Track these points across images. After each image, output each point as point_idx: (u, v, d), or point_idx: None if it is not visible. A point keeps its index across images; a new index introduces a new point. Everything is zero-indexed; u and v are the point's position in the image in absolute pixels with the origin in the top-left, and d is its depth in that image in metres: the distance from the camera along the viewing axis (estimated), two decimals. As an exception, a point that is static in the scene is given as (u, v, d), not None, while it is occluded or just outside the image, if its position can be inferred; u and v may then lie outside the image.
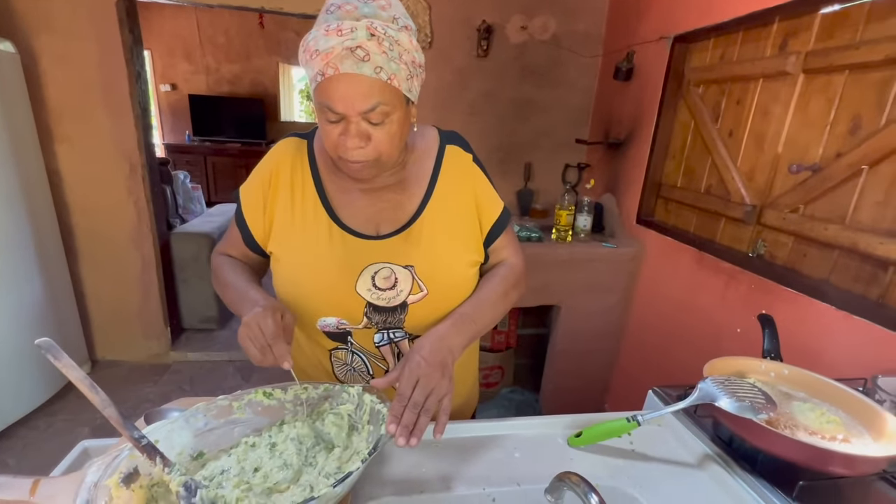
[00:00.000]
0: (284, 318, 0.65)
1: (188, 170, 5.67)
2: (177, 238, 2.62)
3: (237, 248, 0.83)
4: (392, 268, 0.75)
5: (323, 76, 0.62)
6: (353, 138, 0.65)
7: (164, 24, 5.57)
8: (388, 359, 0.81)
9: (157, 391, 2.32)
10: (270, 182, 0.77)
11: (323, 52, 0.60)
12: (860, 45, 1.15)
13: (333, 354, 0.83)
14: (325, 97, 0.63)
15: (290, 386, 0.68)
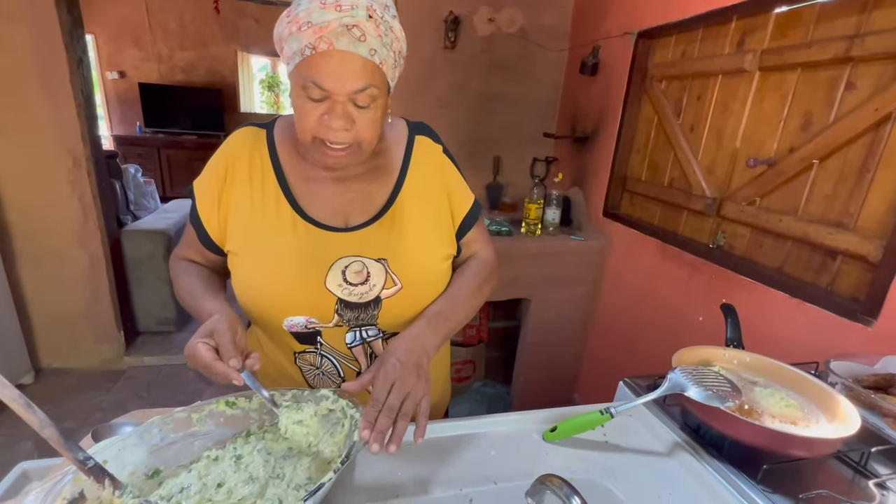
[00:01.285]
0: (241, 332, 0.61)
1: (140, 163, 5.35)
2: (128, 236, 2.47)
3: (194, 249, 0.78)
4: (364, 261, 0.71)
5: (314, 50, 0.58)
6: (339, 119, 0.62)
7: (109, 7, 5.21)
8: (361, 360, 0.78)
9: (110, 399, 2.18)
10: (226, 175, 0.73)
11: (317, 25, 0.57)
12: (811, 45, 1.20)
13: (300, 358, 0.78)
14: (312, 72, 0.59)
15: (255, 393, 0.64)
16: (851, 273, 1.12)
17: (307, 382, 0.80)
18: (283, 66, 0.67)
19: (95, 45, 5.35)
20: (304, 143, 0.67)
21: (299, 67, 0.61)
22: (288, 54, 0.62)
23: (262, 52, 5.95)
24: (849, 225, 1.12)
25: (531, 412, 0.84)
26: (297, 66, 0.61)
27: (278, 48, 0.65)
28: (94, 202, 2.16)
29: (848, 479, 0.73)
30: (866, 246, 1.07)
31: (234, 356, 0.56)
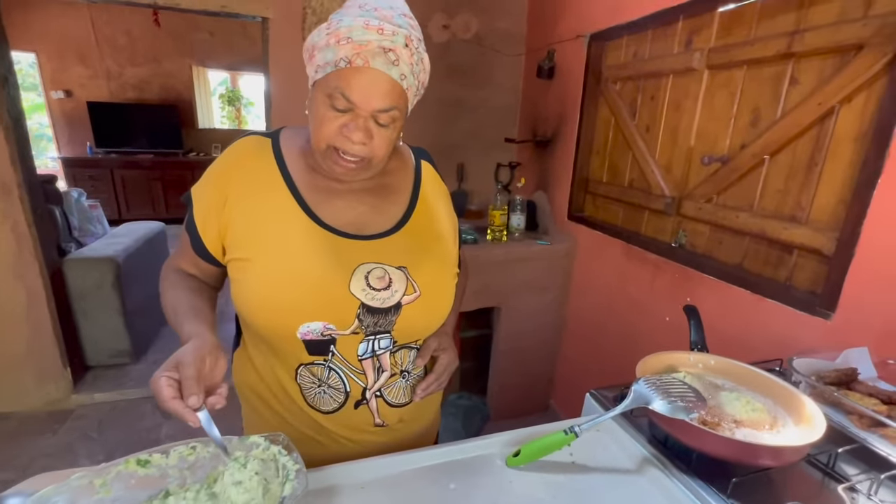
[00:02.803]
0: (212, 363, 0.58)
1: (92, 186, 5.10)
2: (72, 265, 2.30)
3: (188, 258, 0.76)
4: (385, 268, 0.72)
5: (349, 64, 0.62)
6: (359, 132, 0.65)
7: (51, 23, 4.95)
8: (369, 374, 0.75)
9: (56, 443, 2.01)
10: (230, 182, 0.71)
11: (356, 42, 0.61)
12: (754, 42, 1.21)
13: (305, 371, 0.73)
14: (343, 83, 0.62)
15: (172, 448, 0.56)
16: (807, 266, 1.13)
17: (305, 399, 0.75)
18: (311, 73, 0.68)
19: (38, 64, 5.08)
20: (317, 150, 0.68)
21: (330, 77, 0.63)
22: (319, 63, 0.64)
23: (220, 66, 5.78)
24: (802, 218, 1.13)
25: (493, 436, 0.79)
26: (327, 76, 0.64)
27: (307, 55, 0.67)
28: (30, 231, 2.00)
29: (818, 483, 0.71)
30: (820, 239, 1.07)
31: (194, 393, 0.53)
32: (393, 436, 0.81)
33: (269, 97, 2.17)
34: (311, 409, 0.76)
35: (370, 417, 0.78)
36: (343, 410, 0.76)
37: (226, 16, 2.03)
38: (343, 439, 0.78)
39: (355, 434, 0.78)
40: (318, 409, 0.75)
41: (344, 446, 0.78)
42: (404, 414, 0.81)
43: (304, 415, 0.76)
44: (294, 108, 2.18)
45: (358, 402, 0.76)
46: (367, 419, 0.77)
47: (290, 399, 0.76)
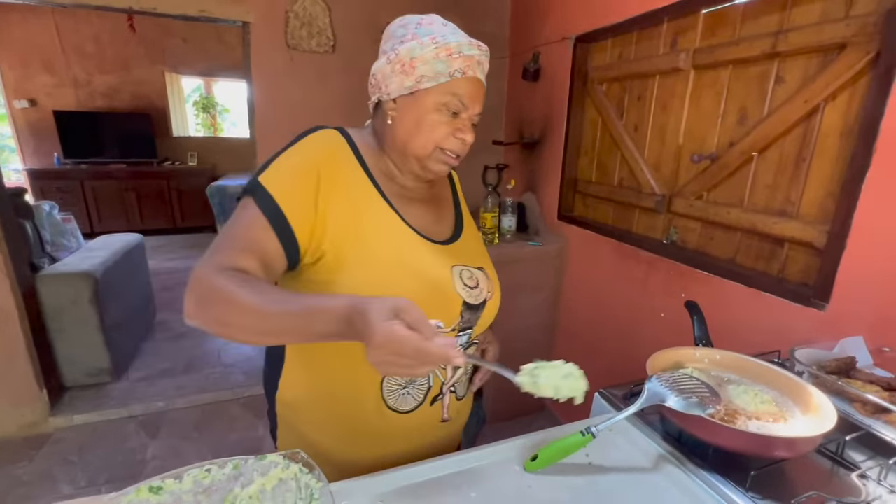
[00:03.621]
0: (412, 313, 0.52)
1: (61, 198, 4.89)
2: (45, 281, 2.19)
3: (259, 256, 0.63)
4: (470, 269, 0.78)
5: (462, 74, 0.69)
6: (469, 133, 0.73)
7: (13, 30, 4.75)
8: (448, 368, 0.79)
9: (33, 469, 1.91)
10: (320, 175, 0.67)
11: (466, 56, 0.69)
12: (739, 42, 1.25)
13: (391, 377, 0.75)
14: (461, 91, 0.70)
15: (185, 472, 0.53)
16: (799, 259, 1.16)
17: (385, 402, 0.75)
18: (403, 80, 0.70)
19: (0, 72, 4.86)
20: (422, 153, 0.72)
21: (444, 86, 0.69)
22: (427, 73, 0.68)
23: (194, 73, 5.64)
24: (792, 213, 1.16)
25: (508, 441, 0.79)
26: (441, 85, 0.69)
27: (407, 65, 0.69)
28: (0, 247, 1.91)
29: (828, 471, 0.73)
30: (810, 232, 1.10)
31: (435, 333, 0.50)
32: (448, 430, 0.85)
33: (251, 104, 2.12)
34: (391, 411, 0.76)
35: (440, 413, 0.81)
36: (420, 409, 0.78)
37: (205, 20, 1.98)
38: (412, 438, 0.80)
39: (424, 432, 0.81)
40: (397, 410, 0.76)
41: (413, 443, 0.80)
42: (461, 407, 0.86)
43: (383, 418, 0.76)
44: (278, 114, 2.15)
45: (435, 398, 0.79)
46: (436, 415, 0.81)
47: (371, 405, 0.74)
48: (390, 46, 0.72)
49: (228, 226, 0.65)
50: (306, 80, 2.15)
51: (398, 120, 0.72)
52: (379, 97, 0.74)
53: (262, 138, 2.14)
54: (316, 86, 2.18)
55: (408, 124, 0.71)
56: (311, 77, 2.16)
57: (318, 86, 2.18)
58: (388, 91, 0.71)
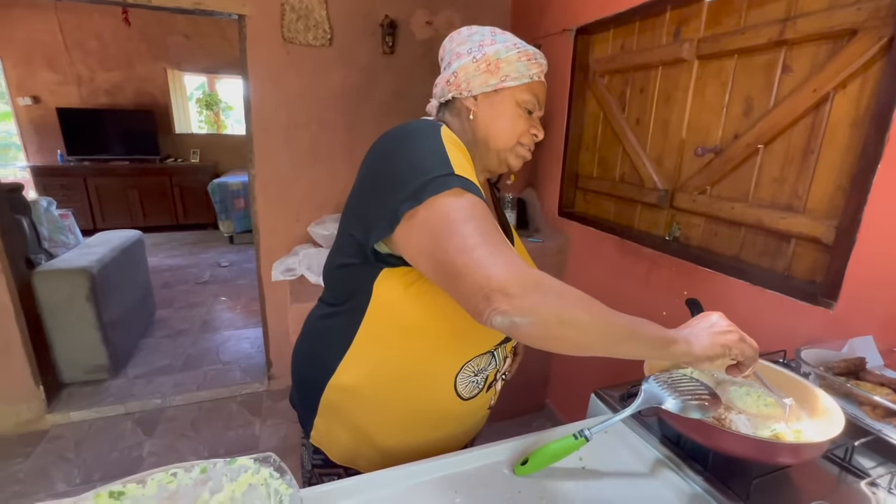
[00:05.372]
0: None
1: (64, 195, 4.90)
2: (42, 277, 2.18)
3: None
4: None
5: (539, 78, 0.77)
6: (541, 129, 0.80)
7: (15, 28, 4.75)
8: (503, 360, 0.85)
9: (29, 467, 1.90)
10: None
11: (539, 62, 0.77)
12: (745, 30, 1.20)
13: (471, 364, 0.78)
14: (538, 92, 0.78)
15: (149, 476, 0.50)
16: (806, 256, 1.11)
17: (456, 390, 0.79)
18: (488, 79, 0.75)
19: (3, 70, 4.87)
20: (505, 147, 0.78)
21: (525, 87, 0.76)
22: (511, 74, 0.75)
23: (196, 70, 5.63)
24: (799, 207, 1.12)
25: (499, 444, 0.75)
26: (522, 86, 0.76)
27: (493, 64, 0.75)
28: (-5, 243, 1.89)
29: (835, 478, 0.69)
30: (818, 227, 1.06)
31: None
32: (484, 417, 0.90)
33: (248, 99, 2.09)
34: (459, 398, 0.79)
35: (489, 401, 0.87)
36: (479, 395, 0.82)
37: (200, 13, 1.95)
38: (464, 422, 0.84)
39: (473, 418, 0.86)
40: (464, 397, 0.80)
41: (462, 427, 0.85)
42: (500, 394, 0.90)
43: (450, 404, 0.79)
44: (274, 109, 2.12)
45: (490, 385, 0.83)
46: (486, 402, 0.86)
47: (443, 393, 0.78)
48: (467, 50, 0.77)
49: (474, 223, 0.57)
50: (303, 74, 2.12)
51: (480, 115, 0.77)
52: (454, 94, 0.77)
53: (257, 134, 2.11)
54: (313, 80, 2.15)
55: (493, 119, 0.77)
56: (307, 71, 2.13)
57: (316, 80, 2.15)
58: (471, 88, 0.76)
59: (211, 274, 4.25)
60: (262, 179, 2.17)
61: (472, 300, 0.54)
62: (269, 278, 2.19)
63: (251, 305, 3.47)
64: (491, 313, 0.52)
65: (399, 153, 0.64)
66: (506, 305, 0.51)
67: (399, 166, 0.63)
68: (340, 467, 0.82)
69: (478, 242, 0.55)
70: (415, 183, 0.59)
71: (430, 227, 0.58)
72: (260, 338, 2.84)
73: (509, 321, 0.52)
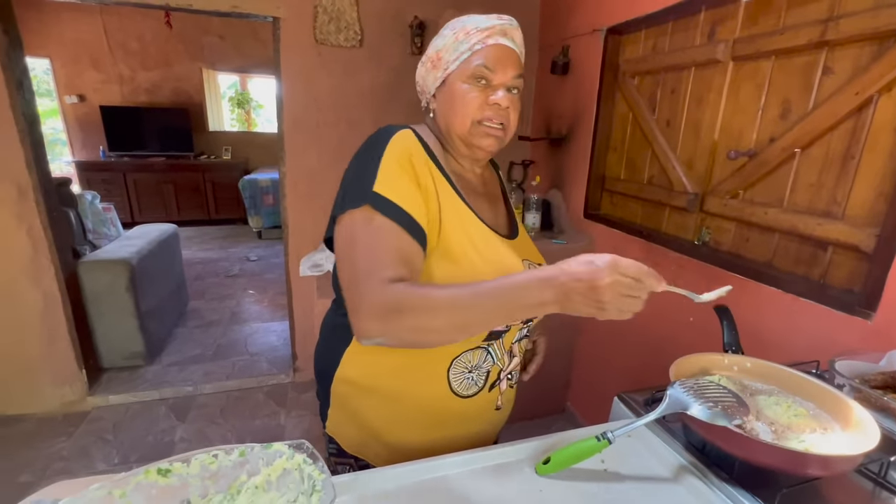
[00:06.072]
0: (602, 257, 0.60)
1: (105, 189, 5.15)
2: (86, 267, 2.31)
3: (407, 260, 0.64)
4: (534, 264, 0.81)
5: (483, 44, 0.72)
6: (503, 98, 0.72)
7: (65, 30, 5.02)
8: (507, 358, 0.82)
9: (71, 445, 2.02)
10: (415, 172, 0.70)
11: (484, 28, 0.72)
12: (784, 31, 1.17)
13: (459, 361, 0.77)
14: (484, 59, 0.71)
15: (193, 456, 0.54)
16: (844, 264, 1.08)
17: (450, 386, 0.78)
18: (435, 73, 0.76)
19: (52, 69, 5.14)
20: (463, 132, 0.74)
21: (468, 60, 0.72)
22: (451, 58, 0.73)
23: (230, 69, 5.81)
24: (837, 214, 1.08)
25: (520, 443, 0.76)
26: (464, 61, 0.72)
27: (430, 64, 0.76)
28: (45, 234, 2.01)
29: (868, 494, 0.67)
30: (858, 235, 1.02)
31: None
32: (497, 419, 0.87)
33: (280, 98, 2.15)
34: (454, 395, 0.79)
35: (494, 401, 0.84)
36: (479, 395, 0.80)
37: (237, 16, 2.02)
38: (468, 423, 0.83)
39: (479, 419, 0.84)
40: (460, 395, 0.79)
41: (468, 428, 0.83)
42: (510, 397, 0.88)
43: (446, 401, 0.79)
44: (305, 109, 2.17)
45: (493, 384, 0.82)
46: (491, 403, 0.83)
47: (437, 388, 0.78)
48: (424, 58, 0.79)
49: (362, 245, 0.64)
50: (334, 74, 2.17)
51: (437, 111, 0.78)
52: (424, 101, 0.80)
53: (288, 133, 2.18)
54: (343, 80, 2.19)
55: (445, 109, 0.76)
56: (338, 71, 2.17)
57: (346, 80, 2.20)
58: (428, 89, 0.78)
59: (240, 268, 4.38)
60: (292, 176, 2.23)
61: (351, 316, 0.62)
62: (296, 273, 2.25)
63: (278, 299, 3.57)
64: (358, 333, 0.61)
65: (351, 162, 0.73)
66: (367, 329, 0.60)
67: (345, 174, 0.72)
68: (352, 457, 0.85)
69: (363, 267, 0.62)
70: (342, 193, 0.69)
71: (340, 237, 0.68)
72: (286, 331, 2.92)
73: (372, 342, 0.61)
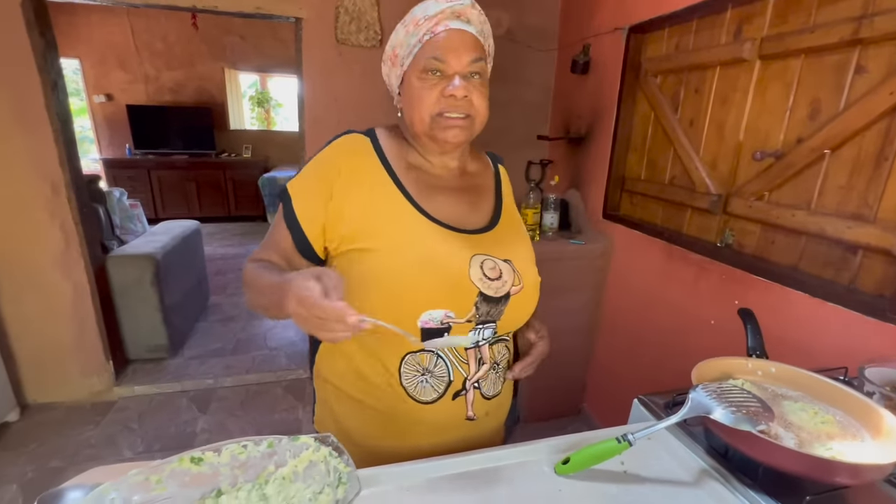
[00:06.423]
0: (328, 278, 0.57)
1: (131, 186, 5.30)
2: (114, 262, 2.38)
3: (280, 252, 0.77)
4: (494, 260, 0.76)
5: (433, 34, 0.68)
6: (460, 87, 0.68)
7: (93, 31, 5.17)
8: (471, 363, 0.77)
9: (99, 434, 2.09)
10: (337, 177, 0.73)
11: (432, 16, 0.68)
12: (814, 29, 1.14)
13: (411, 360, 0.75)
14: (433, 50, 0.68)
15: (224, 446, 0.56)
16: (875, 268, 1.05)
17: (405, 389, 0.76)
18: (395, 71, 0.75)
19: (82, 70, 5.31)
20: (423, 127, 0.72)
21: (419, 54, 0.70)
22: (405, 53, 0.71)
23: (250, 69, 5.91)
24: (868, 217, 1.05)
25: (539, 442, 0.76)
26: (415, 56, 0.70)
27: (389, 62, 0.75)
28: (77, 229, 2.09)
29: (898, 504, 0.66)
30: (890, 239, 1.00)
31: (340, 297, 0.54)
32: (477, 430, 0.82)
33: (301, 97, 2.19)
34: (411, 399, 0.76)
35: (463, 411, 0.79)
36: (441, 401, 0.76)
37: (260, 17, 2.06)
38: (435, 433, 0.78)
39: (448, 427, 0.79)
40: (417, 399, 0.76)
41: (435, 439, 0.78)
42: (490, 407, 0.81)
43: (403, 406, 0.76)
44: (326, 108, 2.20)
45: (457, 393, 0.77)
46: (460, 412, 0.79)
47: (388, 389, 0.76)
48: None
49: (272, 228, 0.78)
50: (354, 74, 2.20)
51: (403, 108, 0.76)
52: (396, 99, 0.79)
53: (310, 132, 2.21)
54: (363, 80, 2.21)
55: (407, 107, 0.74)
56: (358, 71, 2.20)
57: (366, 80, 2.22)
58: (393, 88, 0.77)
59: (259, 264, 4.46)
60: (311, 175, 2.26)
61: None
62: (315, 270, 2.28)
63: (296, 295, 3.62)
64: None
65: None
66: None
67: None
68: None
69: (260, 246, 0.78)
70: None
71: None
72: (304, 327, 2.96)
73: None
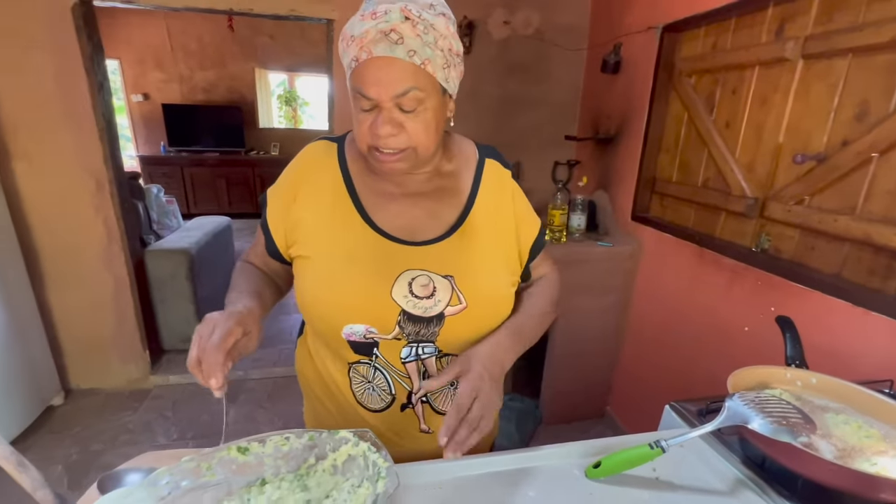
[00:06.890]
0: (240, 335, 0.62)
1: (165, 182, 5.49)
2: (151, 255, 2.49)
3: (258, 255, 0.82)
4: (430, 276, 0.70)
5: (357, 62, 0.61)
6: (385, 125, 0.62)
7: (133, 33, 5.38)
8: (413, 377, 0.74)
9: (136, 419, 2.19)
10: (300, 184, 0.75)
11: (358, 37, 0.60)
12: (864, 27, 1.10)
13: (354, 369, 0.75)
14: (358, 82, 0.62)
15: (268, 437, 0.58)
16: (924, 278, 1.01)
17: (354, 395, 0.77)
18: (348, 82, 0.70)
19: (121, 70, 5.53)
20: (364, 152, 0.69)
21: (351, 79, 0.64)
22: (345, 69, 0.66)
23: (279, 68, 6.04)
24: (918, 224, 1.01)
25: (571, 444, 0.77)
26: (349, 79, 0.65)
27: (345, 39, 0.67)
28: (118, 224, 2.19)
29: (948, 525, 0.63)
30: (942, 247, 0.95)
31: (217, 361, 0.58)
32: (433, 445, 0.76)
33: (332, 97, 2.23)
34: (359, 406, 0.77)
35: (416, 422, 0.78)
36: (390, 411, 0.76)
37: (294, 19, 2.11)
38: (389, 441, 0.75)
39: (402, 437, 0.78)
40: (366, 406, 0.77)
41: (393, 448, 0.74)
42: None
43: (354, 411, 0.78)
44: (355, 108, 2.24)
45: (404, 406, 0.76)
46: (413, 423, 0.78)
47: (341, 394, 0.78)
48: None
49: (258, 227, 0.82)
50: (383, 74, 2.22)
51: None
52: None
53: (339, 131, 2.25)
54: (391, 80, 2.24)
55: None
56: (387, 72, 2.22)
57: (394, 80, 2.24)
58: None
59: (285, 259, 4.56)
60: (340, 174, 2.30)
61: None
62: (342, 267, 2.32)
63: (321, 291, 3.69)
64: None
65: None
66: None
67: None
68: None
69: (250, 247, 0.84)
70: None
71: None
72: (329, 322, 3.02)
73: None
